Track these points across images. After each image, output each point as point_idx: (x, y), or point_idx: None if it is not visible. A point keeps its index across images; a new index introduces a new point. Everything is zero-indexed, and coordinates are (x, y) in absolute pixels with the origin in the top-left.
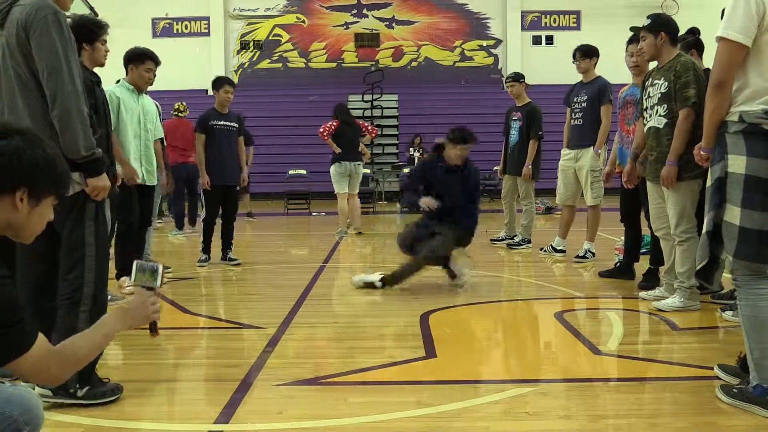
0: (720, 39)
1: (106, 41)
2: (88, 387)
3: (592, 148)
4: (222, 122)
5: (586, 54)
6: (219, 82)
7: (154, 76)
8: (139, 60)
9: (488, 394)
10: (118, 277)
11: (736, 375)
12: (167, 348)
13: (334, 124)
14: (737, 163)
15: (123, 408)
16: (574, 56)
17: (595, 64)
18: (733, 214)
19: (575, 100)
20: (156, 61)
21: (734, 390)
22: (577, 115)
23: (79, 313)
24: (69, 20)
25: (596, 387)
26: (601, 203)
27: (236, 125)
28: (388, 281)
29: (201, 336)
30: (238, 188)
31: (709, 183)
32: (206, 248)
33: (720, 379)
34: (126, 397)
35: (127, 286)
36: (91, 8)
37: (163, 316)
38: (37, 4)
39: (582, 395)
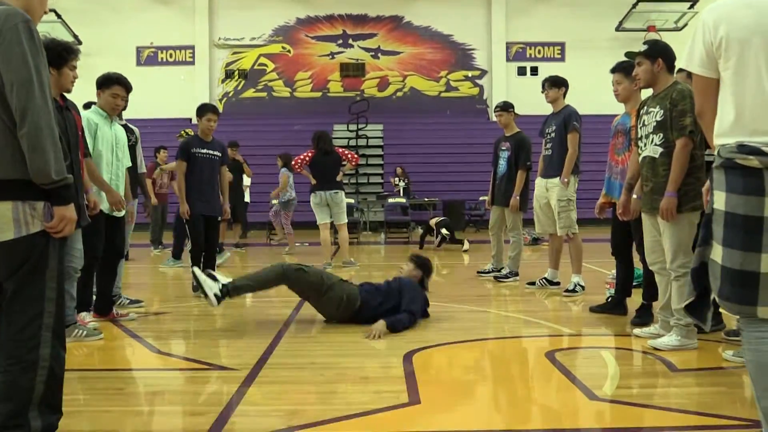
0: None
1: (75, 67)
2: None
3: (559, 177)
4: (205, 150)
5: (554, 83)
6: (203, 110)
7: (125, 102)
8: (106, 85)
9: None
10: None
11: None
12: (132, 393)
13: (309, 154)
14: (719, 199)
15: None
16: (543, 86)
17: (564, 93)
18: (717, 253)
19: (547, 130)
20: (126, 87)
21: None
22: (547, 146)
23: (35, 378)
24: None
25: None
26: (577, 233)
27: (219, 154)
28: (227, 293)
29: (168, 378)
30: (219, 219)
31: None
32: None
33: None
34: None
35: (89, 322)
36: (75, 36)
37: (131, 355)
38: (7, 12)
39: None
